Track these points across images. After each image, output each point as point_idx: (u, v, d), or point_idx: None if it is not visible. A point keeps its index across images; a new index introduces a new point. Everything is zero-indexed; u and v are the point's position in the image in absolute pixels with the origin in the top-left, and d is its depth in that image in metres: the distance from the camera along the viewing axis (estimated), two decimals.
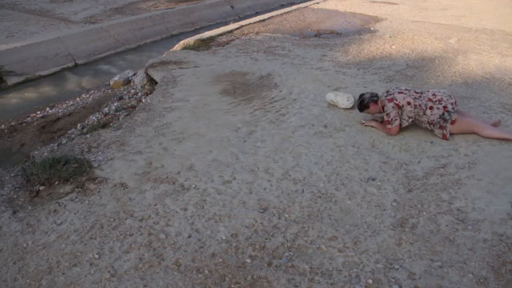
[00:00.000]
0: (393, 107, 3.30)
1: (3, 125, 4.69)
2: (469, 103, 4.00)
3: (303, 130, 3.52)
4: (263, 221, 2.44)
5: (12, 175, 2.98)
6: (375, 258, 2.16)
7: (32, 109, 5.17)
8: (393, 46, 5.99)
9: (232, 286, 2.01)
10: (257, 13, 10.08)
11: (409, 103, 3.28)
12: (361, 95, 3.51)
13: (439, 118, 3.25)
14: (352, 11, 8.76)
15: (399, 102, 3.29)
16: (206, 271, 2.10)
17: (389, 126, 3.35)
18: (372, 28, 7.19)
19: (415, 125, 3.51)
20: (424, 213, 2.50)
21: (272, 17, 8.27)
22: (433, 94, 3.33)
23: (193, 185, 2.79)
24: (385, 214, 2.50)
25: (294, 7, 9.32)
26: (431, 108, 3.26)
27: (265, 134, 3.47)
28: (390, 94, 3.36)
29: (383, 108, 3.41)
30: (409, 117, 3.32)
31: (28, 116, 4.91)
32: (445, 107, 3.25)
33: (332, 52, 5.81)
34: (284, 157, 3.12)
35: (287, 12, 8.75)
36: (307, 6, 9.30)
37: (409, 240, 2.28)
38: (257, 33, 7.01)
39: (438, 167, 2.97)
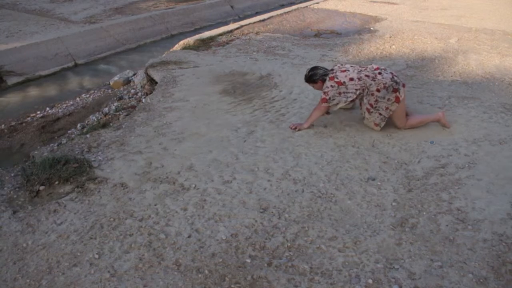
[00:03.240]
0: (332, 85, 3.28)
1: (3, 125, 4.69)
2: (469, 103, 4.00)
3: (303, 130, 3.52)
4: (263, 221, 2.44)
5: (12, 175, 2.98)
6: (375, 258, 2.16)
7: (32, 109, 5.17)
8: (393, 46, 5.99)
9: (232, 286, 2.01)
10: (257, 13, 10.08)
11: (351, 79, 3.26)
12: (315, 68, 3.46)
13: (391, 80, 3.22)
14: (352, 11, 8.76)
15: (340, 80, 3.27)
16: (206, 271, 2.10)
17: (324, 104, 3.33)
18: (372, 28, 7.19)
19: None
20: (424, 213, 2.50)
21: (272, 17, 8.27)
22: (377, 67, 3.36)
23: (193, 185, 2.79)
24: (385, 214, 2.50)
25: (294, 7, 9.32)
26: (380, 73, 3.27)
27: (265, 134, 3.47)
28: (333, 72, 3.35)
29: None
30: (356, 89, 3.27)
31: (28, 116, 4.91)
32: (391, 73, 3.30)
33: (332, 52, 5.81)
34: (284, 157, 3.12)
35: (287, 12, 8.75)
36: (307, 6, 9.30)
37: (409, 240, 2.28)
38: (257, 33, 7.01)
39: (438, 167, 2.97)
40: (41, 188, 2.74)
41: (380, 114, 3.33)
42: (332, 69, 3.40)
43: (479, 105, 3.96)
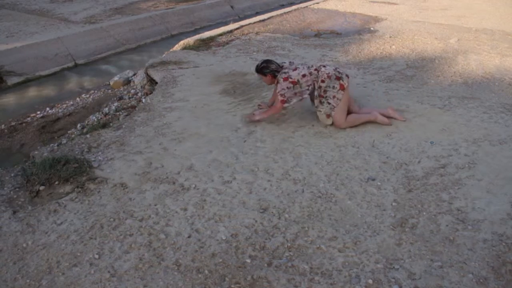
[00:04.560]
0: (288, 87, 3.40)
1: (3, 125, 4.68)
2: (469, 103, 4.00)
3: (303, 130, 3.52)
4: (263, 221, 2.44)
5: (12, 175, 2.98)
6: (375, 258, 2.16)
7: (32, 109, 5.16)
8: (393, 46, 5.99)
9: (232, 286, 2.01)
10: (257, 13, 10.08)
11: (304, 75, 3.43)
12: (268, 61, 3.54)
13: (334, 71, 3.42)
14: (352, 11, 8.77)
15: (294, 79, 3.41)
16: (206, 271, 2.10)
17: (283, 105, 3.44)
18: (372, 28, 7.19)
19: (414, 124, 3.51)
20: (424, 213, 2.50)
21: (272, 17, 8.27)
22: (322, 63, 3.64)
23: (193, 185, 2.79)
24: (385, 214, 2.50)
25: (294, 7, 9.32)
26: (324, 66, 3.49)
27: (265, 134, 3.47)
28: (286, 73, 3.45)
29: (277, 83, 3.50)
30: (308, 85, 3.46)
31: (28, 116, 4.91)
32: (335, 66, 3.53)
33: (332, 52, 5.81)
34: (284, 157, 3.11)
35: (287, 12, 8.75)
36: (307, 6, 9.30)
37: (409, 240, 2.28)
38: (257, 33, 7.01)
39: (438, 167, 2.97)
40: (41, 188, 2.74)
41: (329, 103, 3.46)
42: (282, 66, 3.53)
43: (479, 105, 3.96)
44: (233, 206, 2.58)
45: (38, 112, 5.02)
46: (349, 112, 3.56)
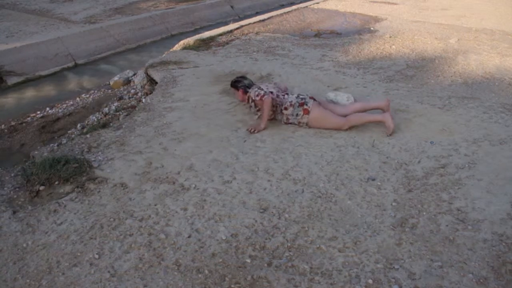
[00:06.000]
0: (258, 88, 3.63)
1: (3, 125, 4.69)
2: (469, 103, 4.00)
3: (303, 130, 3.52)
4: (263, 221, 2.44)
5: (12, 175, 2.98)
6: (375, 258, 2.16)
7: (32, 109, 5.16)
8: (393, 46, 5.99)
9: (232, 286, 2.01)
10: (257, 13, 10.08)
11: (271, 92, 3.62)
12: (243, 77, 3.93)
13: (296, 98, 3.56)
14: (352, 11, 8.77)
15: (262, 87, 3.66)
16: (206, 271, 2.10)
17: (265, 97, 3.49)
18: (372, 28, 7.19)
19: (414, 124, 3.51)
20: (424, 213, 2.50)
21: (272, 17, 8.27)
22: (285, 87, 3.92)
23: (193, 185, 2.79)
24: (385, 214, 2.50)
25: (294, 7, 9.32)
26: (287, 94, 3.69)
27: (265, 134, 3.47)
28: (255, 88, 3.66)
29: (248, 99, 3.74)
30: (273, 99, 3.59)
31: (28, 116, 4.91)
32: (298, 93, 3.69)
33: (332, 52, 5.81)
34: (284, 157, 3.12)
35: (287, 12, 8.75)
36: (307, 6, 9.30)
37: (409, 240, 2.28)
38: (257, 33, 7.01)
39: (438, 167, 2.97)
40: (41, 188, 2.74)
41: (300, 104, 3.53)
42: (258, 92, 3.62)
43: (479, 105, 3.96)
44: (233, 206, 2.58)
45: (38, 112, 5.02)
46: (343, 115, 3.55)
